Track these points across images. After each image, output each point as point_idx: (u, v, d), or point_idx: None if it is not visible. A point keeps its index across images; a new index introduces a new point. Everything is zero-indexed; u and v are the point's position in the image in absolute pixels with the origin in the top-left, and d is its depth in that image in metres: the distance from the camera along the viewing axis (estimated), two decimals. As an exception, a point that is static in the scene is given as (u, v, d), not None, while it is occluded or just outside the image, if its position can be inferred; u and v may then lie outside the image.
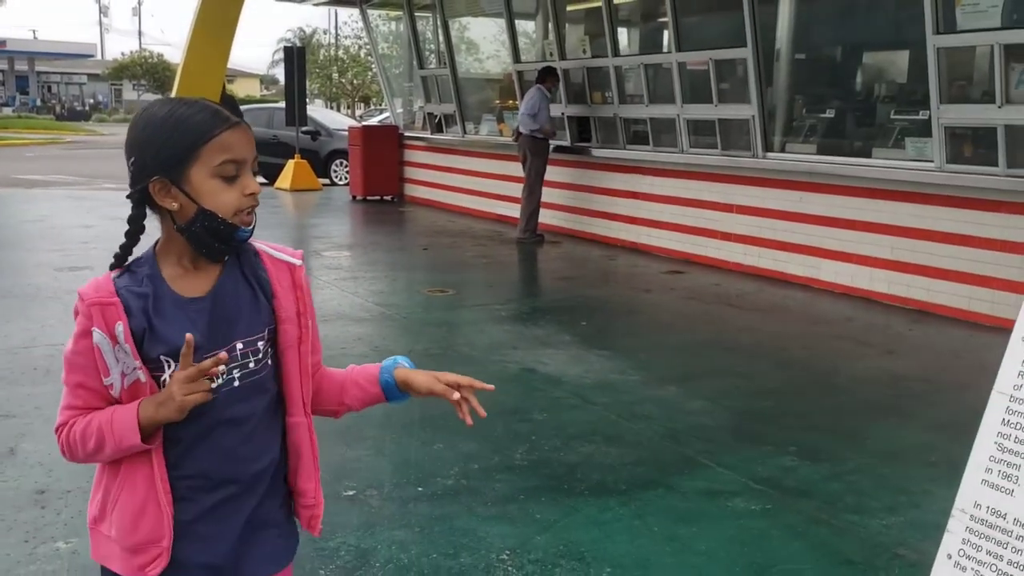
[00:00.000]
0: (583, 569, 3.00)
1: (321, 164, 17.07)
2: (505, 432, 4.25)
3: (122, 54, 61.53)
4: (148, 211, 1.54)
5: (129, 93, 60.40)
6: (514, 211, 10.51)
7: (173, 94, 14.01)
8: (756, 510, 3.48)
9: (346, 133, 17.46)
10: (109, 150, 26.38)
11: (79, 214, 11.83)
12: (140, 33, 71.61)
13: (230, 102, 15.00)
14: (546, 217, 10.24)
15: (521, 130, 9.83)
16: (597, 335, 6.12)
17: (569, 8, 10.91)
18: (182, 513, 1.53)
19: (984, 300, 6.25)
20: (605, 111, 9.97)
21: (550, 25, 10.58)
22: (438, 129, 13.30)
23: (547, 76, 9.93)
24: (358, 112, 42.98)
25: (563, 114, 10.42)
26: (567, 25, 10.86)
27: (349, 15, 40.30)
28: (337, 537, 3.17)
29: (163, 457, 1.51)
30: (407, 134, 14.18)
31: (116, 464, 1.53)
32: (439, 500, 3.53)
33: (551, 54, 10.57)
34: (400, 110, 15.25)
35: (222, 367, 1.47)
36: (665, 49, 9.21)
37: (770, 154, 8.02)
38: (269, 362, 1.58)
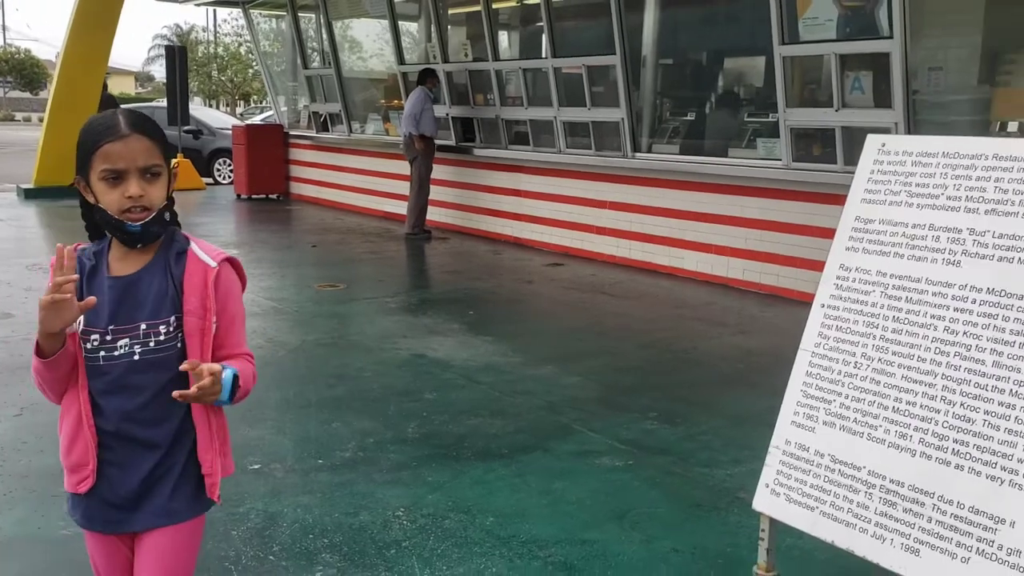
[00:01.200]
0: (469, 519, 3.43)
1: (204, 163, 16.96)
2: (398, 411, 4.64)
3: (-15, 49, 58.58)
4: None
5: (-7, 89, 57.59)
6: (402, 208, 10.85)
7: (51, 94, 13.75)
8: (620, 466, 3.98)
9: (229, 132, 17.39)
10: (-26, 149, 25.20)
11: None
12: (4, 28, 68.02)
13: (110, 102, 14.79)
14: (433, 214, 10.62)
15: (406, 131, 10.17)
16: (483, 323, 6.56)
17: (451, 11, 11.31)
18: (101, 452, 1.86)
19: (826, 284, 6.97)
20: (487, 112, 10.42)
21: (433, 28, 10.96)
22: (324, 128, 13.48)
23: (427, 77, 10.30)
24: (238, 110, 42.24)
25: (448, 115, 10.82)
26: (449, 28, 11.26)
27: (229, 12, 39.57)
28: (246, 504, 3.50)
29: (88, 395, 1.85)
30: (292, 133, 14.30)
31: (64, 403, 1.88)
32: (338, 470, 3.89)
33: (434, 57, 10.94)
34: (285, 109, 15.33)
35: (125, 340, 1.81)
36: (542, 54, 9.73)
37: (638, 154, 8.64)
38: (179, 345, 1.86)
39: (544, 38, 9.43)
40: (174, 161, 13.74)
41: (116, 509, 1.88)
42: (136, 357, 1.83)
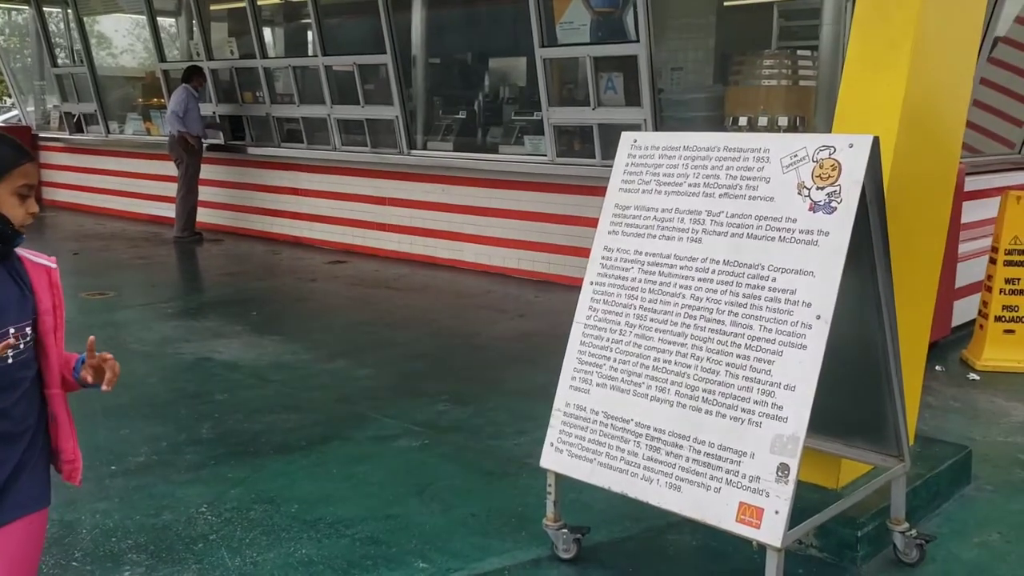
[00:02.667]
0: (274, 509, 3.53)
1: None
2: (189, 413, 4.62)
3: None
4: None
5: None
6: (169, 211, 10.47)
7: None
8: (416, 446, 4.21)
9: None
10: None
11: None
12: None
13: None
14: (204, 215, 10.34)
15: (170, 130, 9.83)
16: (268, 322, 6.57)
17: (212, 7, 11.02)
18: None
19: (593, 268, 7.55)
20: (257, 110, 10.27)
21: (194, 24, 10.64)
22: (78, 129, 12.69)
23: (193, 75, 10.01)
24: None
25: (214, 113, 10.55)
26: (211, 24, 10.97)
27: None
28: (38, 516, 3.40)
29: None
30: (42, 135, 13.34)
31: None
32: (133, 474, 3.85)
33: (198, 54, 10.63)
34: (32, 109, 14.24)
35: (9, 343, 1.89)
36: (311, 52, 9.74)
37: (414, 151, 8.89)
38: (32, 345, 1.99)
39: (314, 36, 9.44)
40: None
41: None
42: (10, 361, 1.93)
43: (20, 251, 2.02)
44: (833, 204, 2.73)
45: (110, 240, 10.23)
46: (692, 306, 2.90)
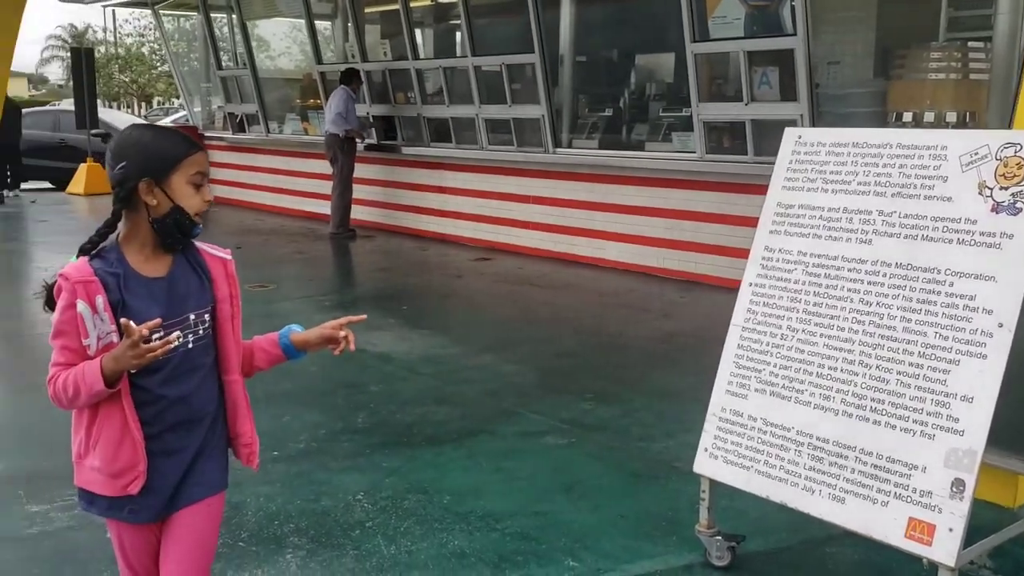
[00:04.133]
0: (427, 499, 3.61)
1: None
2: (345, 403, 4.79)
3: None
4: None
5: None
6: (323, 208, 10.89)
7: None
8: (563, 444, 4.22)
9: (139, 135, 17.01)
10: None
11: None
12: None
13: (13, 108, 14.37)
14: (357, 212, 10.70)
15: (330, 130, 10.20)
16: (418, 317, 6.73)
17: (367, 11, 11.38)
18: (149, 445, 2.00)
19: (741, 269, 7.22)
20: (409, 111, 10.55)
21: (350, 27, 11.01)
22: (240, 129, 13.38)
23: (351, 78, 10.37)
24: (142, 112, 41.14)
25: (368, 114, 10.90)
26: (366, 26, 11.34)
27: (131, 12, 38.47)
28: (209, 496, 3.60)
29: (131, 401, 1.97)
30: (207, 134, 14.13)
31: (94, 409, 1.98)
32: (294, 460, 4.02)
33: (353, 56, 11.01)
34: (198, 109, 15.12)
35: (177, 333, 1.96)
36: (461, 53, 9.91)
37: (559, 150, 8.91)
38: (211, 332, 2.09)
39: (464, 36, 9.60)
40: (84, 165, 13.33)
41: (165, 495, 2.03)
42: (190, 345, 2.02)
43: (198, 243, 2.10)
44: (1018, 205, 2.56)
45: (269, 235, 10.74)
46: (860, 310, 2.78)
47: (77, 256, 1.99)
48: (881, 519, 2.60)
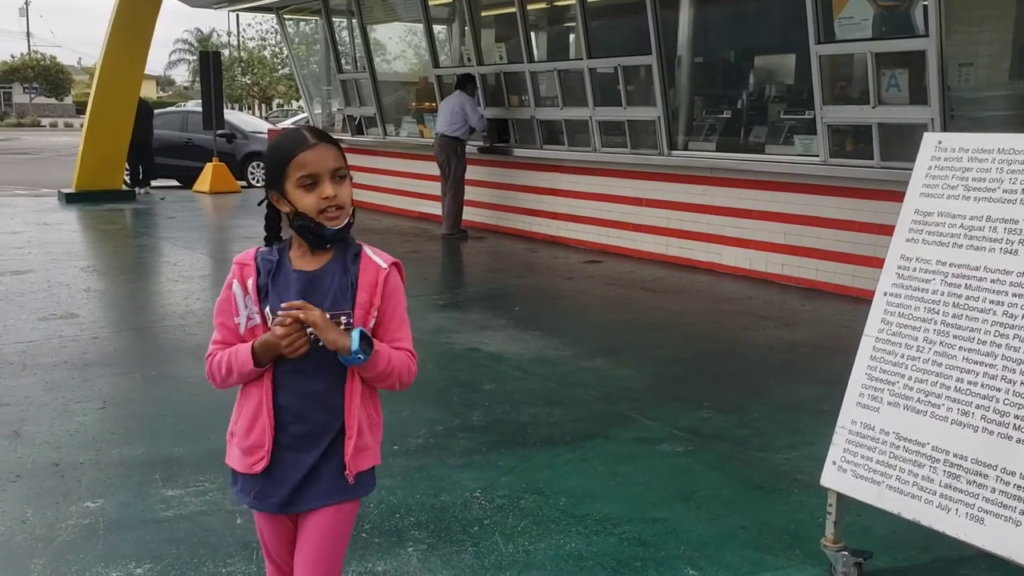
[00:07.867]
0: (543, 500, 3.63)
1: (238, 166, 17.26)
2: (461, 401, 4.85)
3: (12, 56, 59.34)
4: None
5: (20, 96, 58.24)
6: (436, 209, 11.07)
7: (90, 102, 14.08)
8: (680, 451, 4.17)
9: (261, 135, 17.71)
10: (9, 156, 25.67)
11: (3, 220, 11.86)
12: (29, 34, 68.64)
13: (146, 109, 15.13)
14: (469, 214, 10.84)
15: (445, 133, 10.35)
16: (530, 318, 6.77)
17: (483, 14, 11.51)
18: (277, 435, 2.05)
19: (865, 277, 7.13)
20: (522, 113, 10.62)
21: (467, 31, 11.16)
22: (358, 131, 13.73)
23: (468, 83, 10.51)
24: (262, 113, 42.72)
25: (482, 116, 11.01)
26: (481, 31, 11.47)
27: (254, 17, 40.04)
28: (332, 487, 3.71)
29: (271, 384, 2.05)
30: (327, 136, 14.54)
31: (246, 387, 2.08)
32: (414, 455, 4.10)
33: (469, 59, 11.15)
34: (318, 112, 15.59)
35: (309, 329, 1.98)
36: (575, 56, 9.92)
37: (675, 152, 8.81)
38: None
39: (579, 39, 9.61)
40: (210, 164, 13.94)
41: (286, 488, 2.06)
42: (320, 343, 1.99)
43: (368, 249, 2.10)
44: None
45: (385, 235, 10.98)
46: (1004, 323, 2.65)
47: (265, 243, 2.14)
48: (1024, 543, 2.47)
